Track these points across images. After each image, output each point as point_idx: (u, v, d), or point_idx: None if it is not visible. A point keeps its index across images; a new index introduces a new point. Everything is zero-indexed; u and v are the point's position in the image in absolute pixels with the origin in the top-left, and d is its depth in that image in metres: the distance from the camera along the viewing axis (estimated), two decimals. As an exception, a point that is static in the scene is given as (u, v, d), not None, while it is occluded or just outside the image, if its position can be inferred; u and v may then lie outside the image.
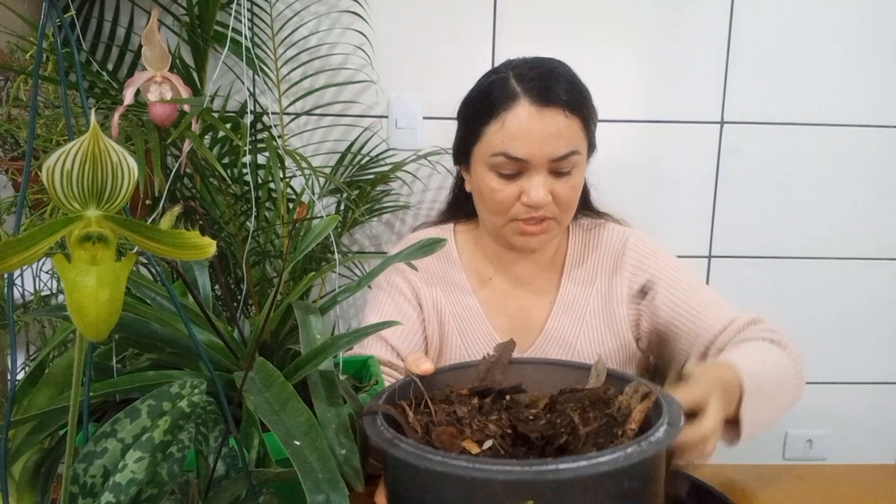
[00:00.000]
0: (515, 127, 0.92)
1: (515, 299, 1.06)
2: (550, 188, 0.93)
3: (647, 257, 1.03)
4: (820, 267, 1.66)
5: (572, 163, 0.94)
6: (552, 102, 0.92)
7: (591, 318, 1.03)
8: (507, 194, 0.94)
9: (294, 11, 1.47)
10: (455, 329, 1.04)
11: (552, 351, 1.02)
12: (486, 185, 0.96)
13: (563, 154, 0.92)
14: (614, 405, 0.59)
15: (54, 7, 0.39)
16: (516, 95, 0.93)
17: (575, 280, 1.05)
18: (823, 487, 0.87)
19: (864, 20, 1.56)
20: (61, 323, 0.64)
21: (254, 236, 1.31)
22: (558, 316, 1.04)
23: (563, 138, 0.92)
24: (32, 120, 0.39)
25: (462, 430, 0.59)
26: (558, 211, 0.95)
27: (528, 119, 0.92)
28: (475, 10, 1.53)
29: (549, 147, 0.92)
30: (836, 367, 1.71)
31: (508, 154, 0.92)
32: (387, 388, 0.64)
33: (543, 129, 0.92)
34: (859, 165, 1.62)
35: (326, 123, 1.56)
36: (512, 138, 0.92)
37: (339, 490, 0.45)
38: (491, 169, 0.95)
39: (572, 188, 0.95)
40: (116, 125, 0.78)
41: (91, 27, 1.44)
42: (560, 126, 0.92)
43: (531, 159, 0.92)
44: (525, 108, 0.92)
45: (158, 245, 0.37)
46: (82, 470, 0.41)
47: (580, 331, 1.03)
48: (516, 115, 0.92)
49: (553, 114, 0.92)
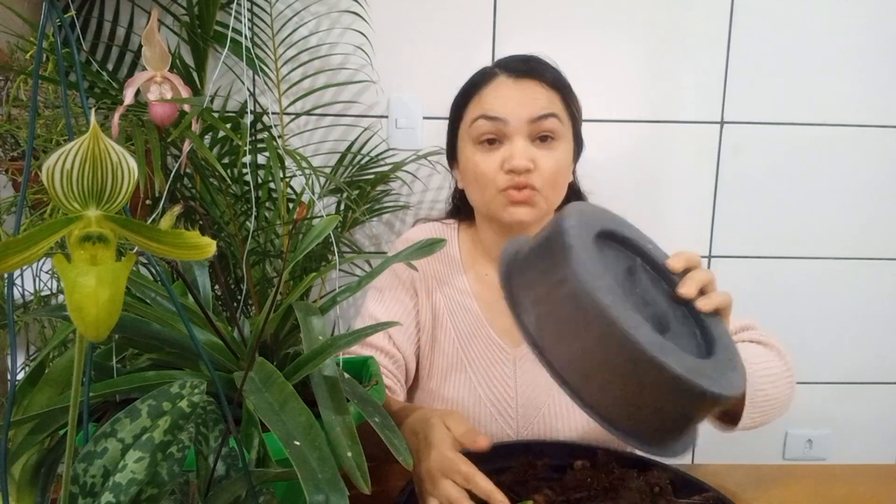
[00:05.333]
0: (492, 93, 0.96)
1: None
2: (532, 156, 0.93)
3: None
4: (820, 267, 1.66)
5: (553, 127, 0.94)
6: (529, 75, 0.96)
7: None
8: (489, 165, 0.95)
9: (294, 11, 1.47)
10: (450, 323, 1.03)
11: None
12: (471, 161, 0.97)
13: (541, 114, 0.93)
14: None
15: (54, 7, 0.39)
16: (494, 73, 0.98)
17: None
18: (823, 487, 0.87)
19: (865, 20, 1.56)
20: (61, 323, 0.64)
21: (254, 236, 1.31)
22: None
23: (541, 101, 0.94)
24: (32, 120, 0.39)
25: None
26: (543, 183, 0.94)
27: (504, 86, 0.96)
28: (475, 10, 1.53)
29: (526, 107, 0.93)
30: (836, 367, 1.71)
31: (486, 115, 0.94)
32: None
33: (520, 92, 0.95)
34: (859, 165, 1.62)
35: (326, 123, 1.56)
36: (490, 101, 0.95)
37: (339, 490, 0.45)
38: (475, 142, 0.96)
39: (556, 161, 0.95)
40: (116, 125, 0.77)
41: (91, 27, 1.44)
42: (537, 92, 0.95)
43: (508, 118, 0.93)
44: (502, 79, 0.96)
45: (158, 245, 0.37)
46: (82, 470, 0.41)
47: None
48: (495, 84, 0.96)
49: (530, 83, 0.95)
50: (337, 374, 0.59)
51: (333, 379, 0.59)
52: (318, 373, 0.59)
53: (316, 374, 0.59)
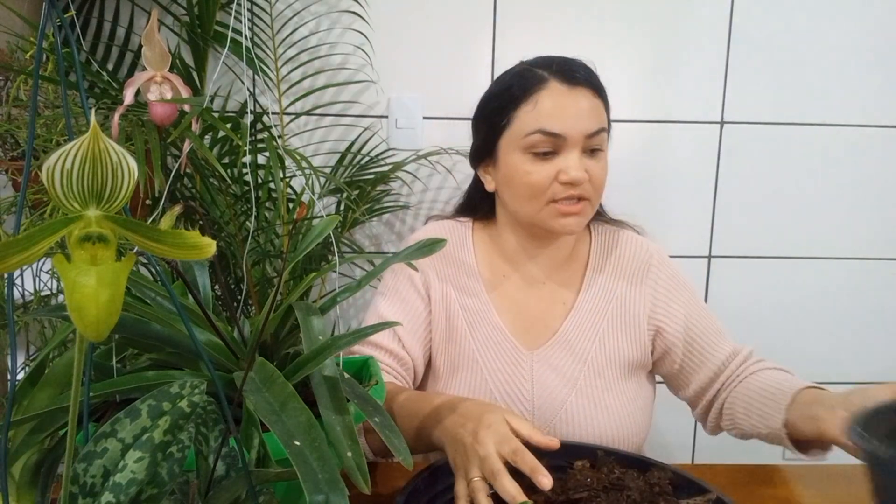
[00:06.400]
0: (549, 104, 0.94)
1: (528, 299, 1.03)
2: (586, 167, 0.93)
3: (672, 287, 1.04)
4: (820, 267, 1.66)
5: (602, 140, 0.96)
6: (579, 83, 0.95)
7: (607, 326, 1.01)
8: (542, 175, 0.94)
9: (294, 11, 1.47)
10: (465, 325, 1.01)
11: (562, 355, 1.00)
12: (520, 170, 0.95)
13: (596, 130, 0.94)
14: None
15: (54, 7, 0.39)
16: (544, 78, 0.95)
17: (595, 286, 1.03)
18: (823, 487, 0.87)
19: (865, 20, 1.56)
20: (61, 323, 0.64)
21: (254, 236, 1.31)
22: (574, 321, 1.01)
23: (594, 115, 0.95)
24: (32, 120, 0.39)
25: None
26: (592, 191, 0.95)
27: (560, 96, 0.94)
28: (475, 10, 1.53)
29: (583, 123, 0.93)
30: (835, 367, 1.71)
31: (545, 130, 0.93)
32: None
33: (575, 105, 0.94)
34: (859, 165, 1.62)
35: (326, 123, 1.56)
36: (547, 115, 0.93)
37: (339, 490, 0.45)
38: (525, 151, 0.95)
39: (603, 168, 0.97)
40: (116, 125, 0.77)
41: (91, 27, 1.44)
42: (590, 103, 0.95)
43: (567, 134, 0.93)
44: (556, 87, 0.94)
45: (158, 245, 0.37)
46: (82, 470, 0.41)
47: (595, 337, 1.00)
48: (549, 93, 0.94)
49: (582, 92, 0.95)
50: (337, 374, 0.59)
51: (333, 379, 0.59)
52: (318, 373, 0.59)
53: (316, 374, 0.59)
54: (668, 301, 1.03)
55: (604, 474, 0.74)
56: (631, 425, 0.98)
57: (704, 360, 1.01)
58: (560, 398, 0.97)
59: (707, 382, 1.01)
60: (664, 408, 1.16)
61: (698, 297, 1.06)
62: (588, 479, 0.73)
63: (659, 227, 1.56)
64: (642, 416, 1.01)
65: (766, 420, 0.90)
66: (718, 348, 1.01)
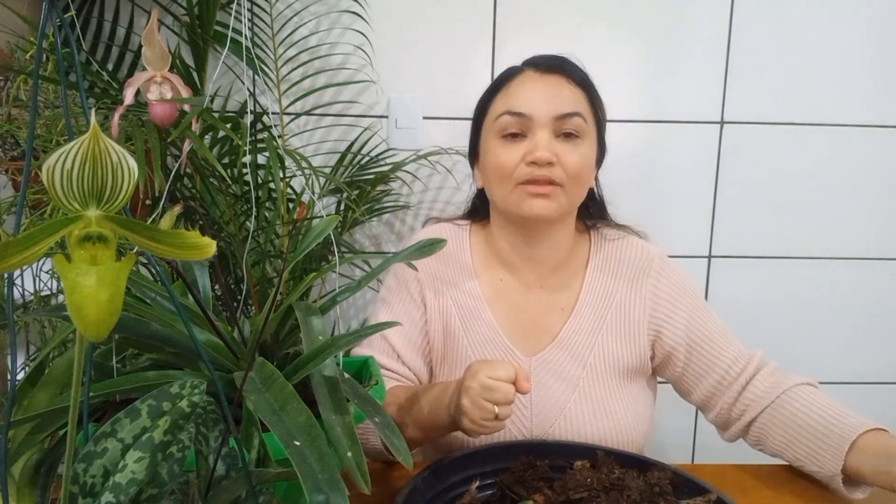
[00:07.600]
0: (518, 88, 0.95)
1: (526, 303, 1.02)
2: (556, 150, 0.92)
3: (674, 292, 1.02)
4: (820, 267, 1.66)
5: (577, 126, 0.93)
6: (553, 70, 0.96)
7: (606, 331, 0.99)
8: (510, 156, 0.93)
9: (294, 11, 1.47)
10: (461, 330, 1.00)
11: (562, 359, 0.98)
12: (492, 154, 0.96)
13: (567, 112, 0.93)
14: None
15: (54, 7, 0.39)
16: (520, 69, 0.98)
17: (594, 290, 1.02)
18: (823, 487, 0.87)
19: (865, 20, 1.56)
20: (61, 323, 0.64)
21: (254, 236, 1.31)
22: (573, 326, 1.00)
23: (567, 98, 0.94)
24: (32, 120, 0.39)
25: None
26: (565, 177, 0.93)
27: (530, 81, 0.96)
28: (475, 10, 1.53)
29: (552, 104, 0.93)
30: (835, 367, 1.71)
31: (512, 110, 0.94)
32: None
33: (546, 88, 0.94)
34: (859, 165, 1.62)
35: (326, 123, 1.56)
36: (515, 97, 0.95)
37: (339, 490, 0.45)
38: (497, 136, 0.95)
39: (581, 156, 0.93)
40: (116, 125, 0.77)
41: (91, 27, 1.44)
42: (563, 89, 0.95)
43: (533, 114, 0.92)
44: (529, 74, 0.97)
45: (158, 245, 0.37)
46: (82, 470, 0.41)
47: (594, 342, 0.99)
48: (521, 78, 0.96)
49: (556, 79, 0.95)
50: (337, 374, 0.59)
51: (333, 379, 0.59)
52: (318, 373, 0.59)
53: (316, 374, 0.59)
54: (669, 306, 1.01)
55: (604, 474, 0.74)
56: (631, 430, 0.97)
57: (709, 366, 0.98)
58: (560, 402, 0.97)
59: (715, 388, 0.98)
60: (664, 408, 1.16)
61: (702, 302, 1.03)
62: (588, 479, 0.73)
63: (659, 227, 1.56)
64: (642, 420, 1.00)
65: (817, 460, 0.86)
66: (724, 353, 0.98)
